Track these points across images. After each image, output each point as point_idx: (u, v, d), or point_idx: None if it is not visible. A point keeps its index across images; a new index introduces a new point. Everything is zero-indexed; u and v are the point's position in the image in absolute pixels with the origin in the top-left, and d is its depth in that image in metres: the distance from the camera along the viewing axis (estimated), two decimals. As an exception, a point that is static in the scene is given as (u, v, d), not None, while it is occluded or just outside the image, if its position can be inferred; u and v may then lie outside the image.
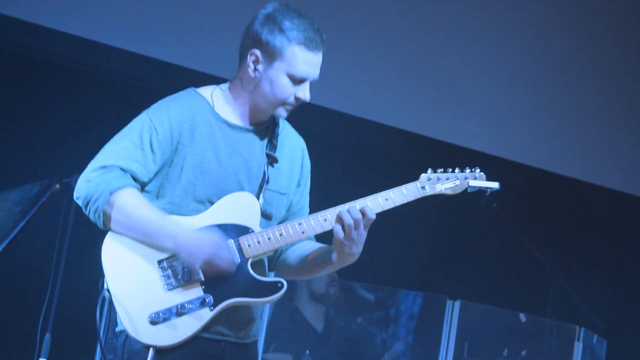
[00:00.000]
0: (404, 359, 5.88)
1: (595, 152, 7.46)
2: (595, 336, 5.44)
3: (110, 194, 3.10)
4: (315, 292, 5.88)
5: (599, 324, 5.82)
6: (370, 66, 6.87)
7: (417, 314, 5.67)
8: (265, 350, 5.32)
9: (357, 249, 3.18)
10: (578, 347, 5.19)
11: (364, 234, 3.15)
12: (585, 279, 6.39)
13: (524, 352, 5.75)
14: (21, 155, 5.82)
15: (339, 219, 3.14)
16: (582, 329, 5.28)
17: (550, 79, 7.42)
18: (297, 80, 3.21)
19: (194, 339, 3.15)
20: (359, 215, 3.13)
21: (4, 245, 2.24)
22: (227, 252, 3.17)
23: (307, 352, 5.33)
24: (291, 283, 3.44)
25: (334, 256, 3.21)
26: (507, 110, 7.25)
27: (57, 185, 2.55)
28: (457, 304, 4.91)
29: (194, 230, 3.19)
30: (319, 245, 3.39)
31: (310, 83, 3.31)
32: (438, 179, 3.33)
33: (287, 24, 3.22)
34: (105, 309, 3.15)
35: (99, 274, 3.28)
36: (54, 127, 5.97)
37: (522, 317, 5.52)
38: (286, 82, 3.22)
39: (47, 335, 5.04)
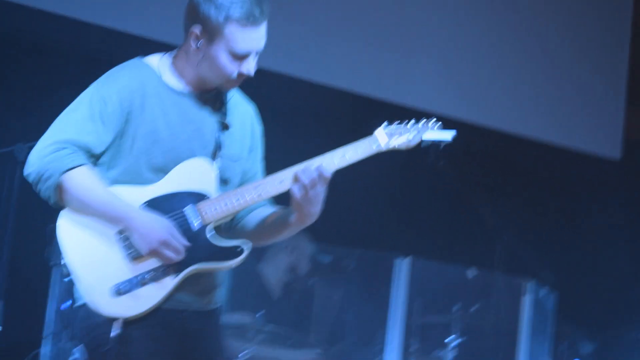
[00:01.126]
0: (357, 317, 5.92)
1: (540, 109, 7.54)
2: (543, 289, 5.54)
3: (61, 174, 3.15)
4: (275, 257, 5.96)
5: (548, 276, 5.88)
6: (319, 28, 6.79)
7: (369, 272, 5.74)
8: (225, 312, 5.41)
9: (316, 209, 3.25)
10: (526, 301, 5.31)
11: (321, 192, 3.22)
12: (532, 234, 6.50)
13: (474, 307, 5.73)
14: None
15: (296, 179, 3.20)
16: (530, 283, 5.39)
17: (498, 38, 7.47)
18: (238, 57, 3.26)
19: (157, 310, 3.20)
20: (315, 175, 3.19)
21: None
22: (177, 240, 3.20)
23: (262, 313, 5.41)
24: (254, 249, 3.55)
25: (293, 217, 3.29)
26: (453, 68, 7.28)
27: None
28: (407, 261, 4.95)
29: (147, 214, 3.23)
30: (276, 208, 3.44)
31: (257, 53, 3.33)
32: (393, 133, 3.45)
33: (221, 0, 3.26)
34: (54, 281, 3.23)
35: (46, 244, 3.42)
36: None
37: (471, 273, 5.61)
38: (227, 59, 3.26)
39: (0, 303, 5.10)
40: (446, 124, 3.74)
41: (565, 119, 7.63)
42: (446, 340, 5.52)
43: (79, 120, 3.23)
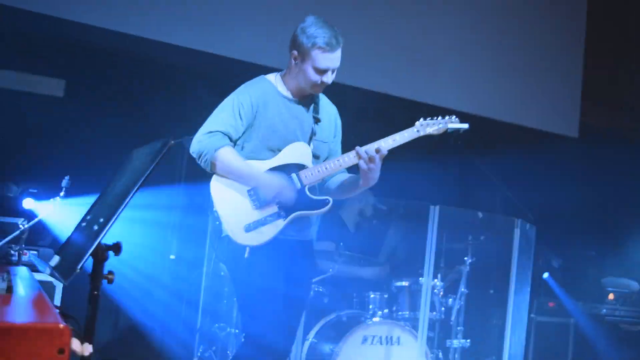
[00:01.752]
0: (405, 245, 5.96)
1: (518, 100, 7.38)
2: (528, 225, 5.43)
3: (215, 151, 3.32)
4: (350, 206, 5.97)
5: (530, 215, 5.79)
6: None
7: (412, 215, 5.72)
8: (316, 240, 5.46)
9: (375, 175, 3.42)
10: (517, 232, 5.23)
11: (379, 164, 3.39)
12: (520, 188, 6.31)
13: (482, 237, 5.65)
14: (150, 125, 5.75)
15: (362, 155, 3.39)
16: (519, 220, 5.28)
17: (489, 44, 7.21)
18: (320, 71, 3.41)
19: (274, 240, 3.36)
20: (374, 153, 3.37)
21: (140, 182, 2.25)
22: (289, 188, 3.37)
23: (341, 243, 5.43)
24: (336, 201, 3.63)
25: (361, 181, 3.47)
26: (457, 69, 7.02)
27: (172, 142, 2.67)
28: (437, 207, 4.97)
29: (269, 174, 3.36)
30: (350, 175, 3.62)
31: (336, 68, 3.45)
32: (427, 125, 3.61)
33: (311, 33, 3.37)
34: (209, 224, 3.36)
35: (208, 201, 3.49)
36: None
37: (479, 214, 5.54)
38: (313, 72, 3.40)
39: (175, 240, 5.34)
40: (462, 119, 3.88)
41: (537, 107, 7.51)
42: (464, 259, 5.49)
43: (225, 117, 3.38)
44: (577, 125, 7.63)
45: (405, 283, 5.34)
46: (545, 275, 6.72)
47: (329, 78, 3.44)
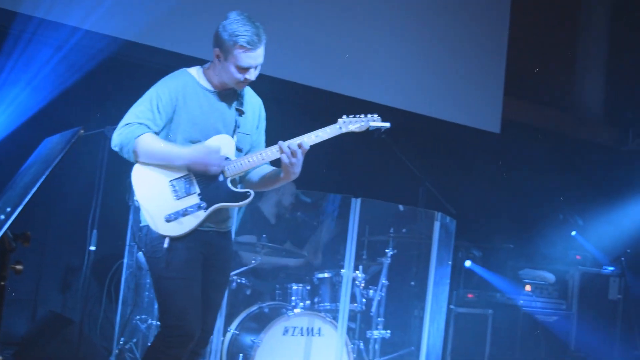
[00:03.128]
0: (327, 236, 6.02)
1: (445, 98, 7.50)
2: (448, 218, 5.49)
3: (135, 139, 3.28)
4: (269, 198, 5.96)
5: (451, 209, 5.96)
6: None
7: (334, 207, 5.83)
8: (237, 235, 5.34)
9: (297, 169, 3.43)
10: (436, 225, 5.25)
11: (300, 159, 3.40)
12: (442, 182, 6.45)
13: (404, 230, 5.77)
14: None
15: (284, 150, 3.40)
16: (440, 213, 5.32)
17: (421, 46, 7.31)
18: (243, 69, 3.38)
19: (194, 231, 3.34)
20: (297, 148, 3.38)
21: (47, 172, 2.26)
22: (216, 151, 3.36)
23: (264, 235, 5.39)
24: (256, 193, 3.62)
25: (282, 175, 3.48)
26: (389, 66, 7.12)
27: (82, 131, 2.62)
28: (359, 200, 4.97)
29: (192, 147, 3.35)
30: (272, 168, 3.61)
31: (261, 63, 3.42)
32: (350, 122, 3.63)
33: (232, 32, 3.33)
34: (131, 215, 3.34)
35: (126, 192, 3.47)
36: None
37: (401, 207, 5.58)
38: (235, 70, 3.37)
39: (94, 232, 5.13)
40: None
41: (462, 104, 7.64)
42: (385, 251, 5.53)
43: (142, 110, 3.34)
44: (499, 120, 7.78)
45: (327, 275, 5.36)
46: (468, 263, 6.84)
47: (252, 75, 3.43)
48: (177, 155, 3.34)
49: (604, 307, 7.08)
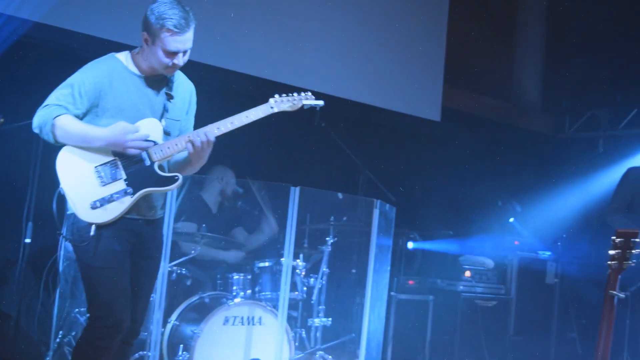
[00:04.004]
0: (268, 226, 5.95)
1: (386, 87, 7.49)
2: (388, 205, 5.51)
3: (53, 119, 3.22)
4: (212, 187, 5.95)
5: (391, 196, 6.01)
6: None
7: (274, 196, 5.71)
8: (176, 221, 5.32)
9: (203, 158, 3.44)
10: (376, 213, 5.27)
11: (206, 149, 3.39)
12: (382, 171, 6.48)
13: (344, 218, 5.82)
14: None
15: (190, 140, 3.37)
16: (379, 201, 5.33)
17: (360, 37, 7.26)
18: (170, 54, 3.33)
19: (121, 218, 3.30)
20: (204, 138, 3.35)
21: None
22: (134, 132, 3.29)
23: (204, 225, 5.40)
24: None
25: (190, 162, 3.46)
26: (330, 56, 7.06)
27: (2, 119, 2.50)
28: (298, 189, 4.99)
29: (110, 126, 3.29)
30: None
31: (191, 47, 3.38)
32: (282, 101, 3.61)
33: (160, 15, 3.28)
34: (55, 202, 3.29)
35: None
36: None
37: (340, 195, 5.58)
38: (163, 55, 3.32)
39: (30, 224, 5.11)
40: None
41: (403, 93, 7.64)
42: (326, 239, 5.56)
43: (64, 93, 3.29)
44: (439, 109, 7.85)
45: (267, 264, 5.38)
46: (410, 245, 6.91)
47: (180, 60, 3.38)
48: (94, 136, 3.28)
49: (541, 291, 7.21)
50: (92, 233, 3.24)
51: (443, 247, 7.10)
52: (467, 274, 6.81)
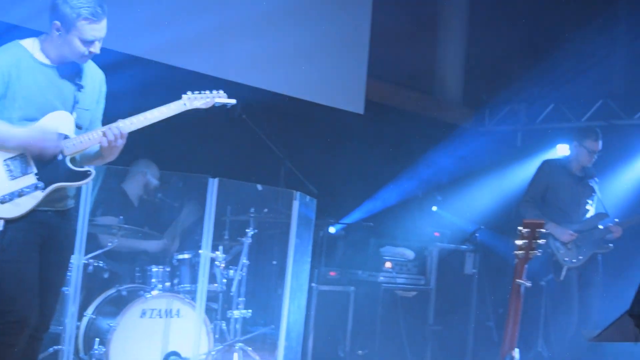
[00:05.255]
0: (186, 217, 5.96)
1: (311, 79, 7.48)
2: (308, 197, 5.52)
3: None
4: (134, 179, 5.91)
5: (312, 189, 5.90)
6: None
7: (192, 189, 5.75)
8: (93, 215, 5.30)
9: (115, 152, 3.40)
10: (295, 205, 5.29)
11: (119, 144, 3.36)
12: (304, 163, 6.46)
13: (265, 210, 5.78)
14: None
15: (104, 134, 3.33)
16: (299, 193, 5.34)
17: (282, 30, 7.23)
18: (87, 43, 3.28)
19: (32, 212, 3.23)
20: (118, 132, 3.33)
21: None
22: (53, 134, 3.25)
23: (121, 217, 5.30)
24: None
25: (101, 155, 3.42)
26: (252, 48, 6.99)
27: None
28: (216, 180, 4.97)
29: (26, 127, 3.22)
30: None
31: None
32: (195, 98, 3.60)
33: (75, 3, 3.22)
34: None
35: None
36: None
37: (259, 187, 5.59)
38: (79, 44, 3.27)
39: None
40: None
41: (326, 85, 7.67)
42: (246, 231, 5.55)
43: None
44: (363, 101, 7.90)
45: (187, 256, 5.37)
46: (332, 230, 6.97)
47: (96, 48, 3.33)
48: (10, 136, 3.22)
49: (460, 281, 7.34)
50: (1, 228, 3.17)
51: (364, 238, 7.18)
52: (388, 265, 6.90)
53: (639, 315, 2.76)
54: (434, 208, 8.00)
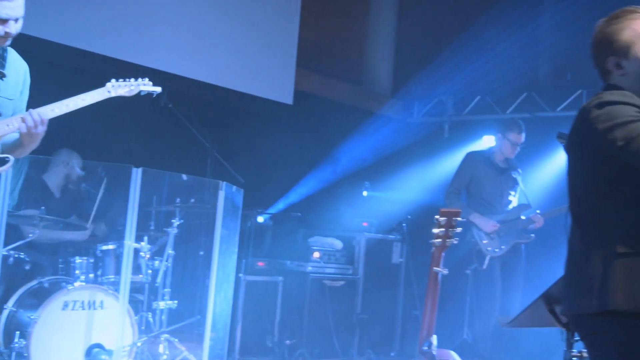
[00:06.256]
0: (108, 209, 5.85)
1: (241, 70, 7.50)
2: (235, 187, 5.53)
3: None
4: (56, 171, 5.85)
5: (240, 179, 6.02)
6: None
7: (114, 178, 5.57)
8: (17, 209, 5.28)
9: (34, 142, 3.36)
10: (221, 195, 5.27)
11: (39, 131, 3.32)
12: (230, 153, 6.49)
13: (192, 200, 5.76)
14: None
15: (23, 120, 3.29)
16: (225, 183, 5.31)
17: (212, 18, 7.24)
18: (2, 21, 3.22)
19: None
20: (37, 118, 3.28)
21: None
22: None
23: (43, 208, 5.28)
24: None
25: (22, 143, 3.38)
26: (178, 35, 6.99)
27: None
28: (140, 170, 4.89)
29: None
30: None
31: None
32: (119, 86, 3.58)
33: None
34: None
35: None
36: None
37: (184, 177, 5.58)
38: None
39: None
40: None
41: (255, 75, 7.66)
42: (172, 221, 5.54)
43: None
44: (292, 92, 7.94)
45: (111, 246, 5.32)
46: (261, 219, 6.98)
47: (12, 28, 3.26)
48: None
49: (387, 270, 7.44)
50: None
51: (292, 228, 7.22)
52: (316, 255, 6.96)
53: (556, 300, 2.87)
54: (365, 193, 8.07)
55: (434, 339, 3.54)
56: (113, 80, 3.54)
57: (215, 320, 5.43)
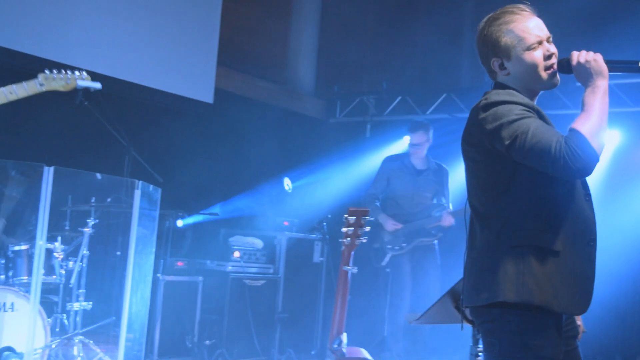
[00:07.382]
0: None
1: (163, 69, 7.47)
2: (152, 186, 5.48)
3: None
4: None
5: (158, 178, 6.01)
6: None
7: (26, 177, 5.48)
8: None
9: None
10: (137, 194, 5.22)
11: None
12: (148, 152, 6.43)
13: (109, 199, 5.73)
14: None
15: None
16: (141, 182, 5.25)
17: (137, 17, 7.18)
18: None
19: None
20: None
21: None
22: None
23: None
24: None
25: None
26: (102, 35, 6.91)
27: None
28: (52, 169, 4.79)
29: None
30: None
31: None
32: (53, 78, 3.43)
33: None
34: None
35: None
36: None
37: (98, 176, 5.52)
38: None
39: None
40: (95, 79, 3.84)
41: (175, 73, 7.63)
42: (87, 221, 5.49)
43: None
44: (212, 91, 7.92)
45: (23, 247, 5.23)
46: (180, 223, 6.93)
47: None
48: None
49: (308, 269, 7.52)
50: None
51: (213, 228, 7.21)
52: (236, 254, 6.97)
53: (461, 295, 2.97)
54: (287, 185, 8.06)
55: (344, 337, 3.61)
56: (46, 71, 3.39)
57: (131, 321, 5.39)
